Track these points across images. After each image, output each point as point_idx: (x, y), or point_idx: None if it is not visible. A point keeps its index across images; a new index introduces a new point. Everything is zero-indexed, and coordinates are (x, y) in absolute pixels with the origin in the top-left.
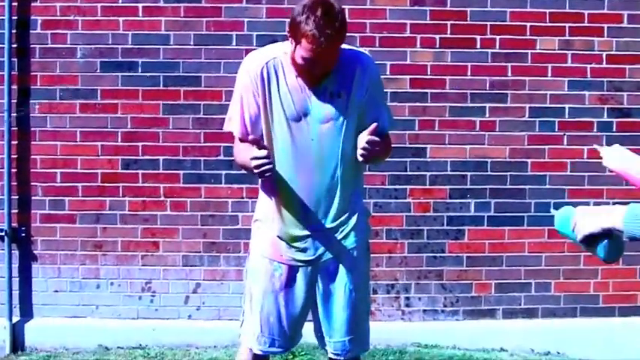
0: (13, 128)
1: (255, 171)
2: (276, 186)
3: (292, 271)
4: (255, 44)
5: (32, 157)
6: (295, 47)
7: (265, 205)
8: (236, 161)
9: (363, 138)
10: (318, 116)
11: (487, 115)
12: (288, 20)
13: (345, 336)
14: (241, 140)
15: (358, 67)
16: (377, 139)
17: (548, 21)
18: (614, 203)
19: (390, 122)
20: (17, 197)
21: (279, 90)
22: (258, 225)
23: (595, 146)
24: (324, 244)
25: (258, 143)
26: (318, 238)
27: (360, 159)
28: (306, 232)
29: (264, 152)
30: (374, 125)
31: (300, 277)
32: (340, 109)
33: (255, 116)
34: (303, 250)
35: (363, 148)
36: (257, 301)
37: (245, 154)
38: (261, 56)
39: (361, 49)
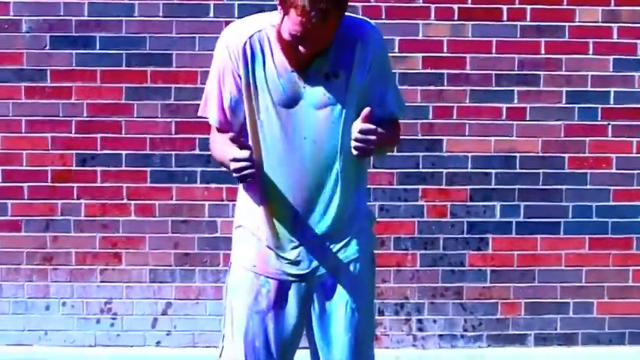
0: None
1: (235, 175)
2: (262, 186)
3: (283, 287)
4: (236, 15)
5: None
6: (283, 18)
7: (249, 207)
8: (213, 155)
9: (356, 127)
10: (313, 101)
11: (515, 100)
12: None
13: None
14: (219, 130)
15: (360, 41)
16: (372, 127)
17: None
18: None
19: (399, 107)
20: None
21: (265, 70)
22: (241, 232)
23: None
24: (321, 255)
25: (238, 141)
26: (313, 247)
27: (355, 152)
28: (300, 241)
29: (245, 153)
30: (367, 110)
31: (292, 295)
32: (338, 92)
33: (235, 101)
34: (296, 263)
35: (357, 139)
36: (240, 323)
37: (223, 149)
38: (244, 29)
39: (365, 19)
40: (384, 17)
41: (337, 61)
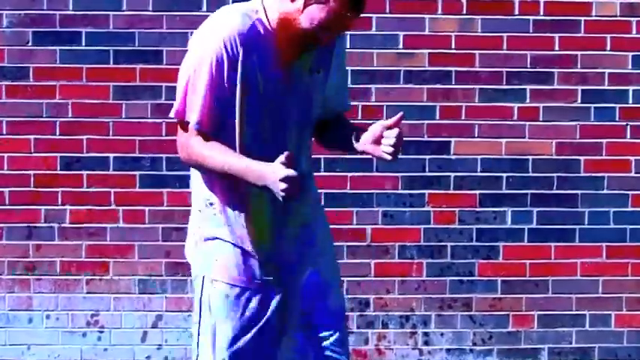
0: None
1: (282, 194)
2: (247, 191)
3: (268, 296)
4: None
5: None
6: (308, 5)
7: (227, 217)
8: (200, 163)
9: (392, 132)
10: (297, 97)
11: (528, 100)
12: None
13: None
14: (204, 137)
15: (338, 38)
16: (401, 130)
17: None
18: None
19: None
20: None
21: (256, 64)
22: (218, 245)
23: None
24: (301, 253)
25: (290, 160)
26: (295, 249)
27: (389, 158)
28: (284, 245)
29: (296, 172)
30: (401, 114)
31: (277, 302)
32: (318, 87)
33: (226, 101)
34: (281, 268)
35: (394, 145)
36: (228, 343)
37: (238, 162)
38: (236, 22)
39: None
40: (387, 11)
41: (320, 57)
